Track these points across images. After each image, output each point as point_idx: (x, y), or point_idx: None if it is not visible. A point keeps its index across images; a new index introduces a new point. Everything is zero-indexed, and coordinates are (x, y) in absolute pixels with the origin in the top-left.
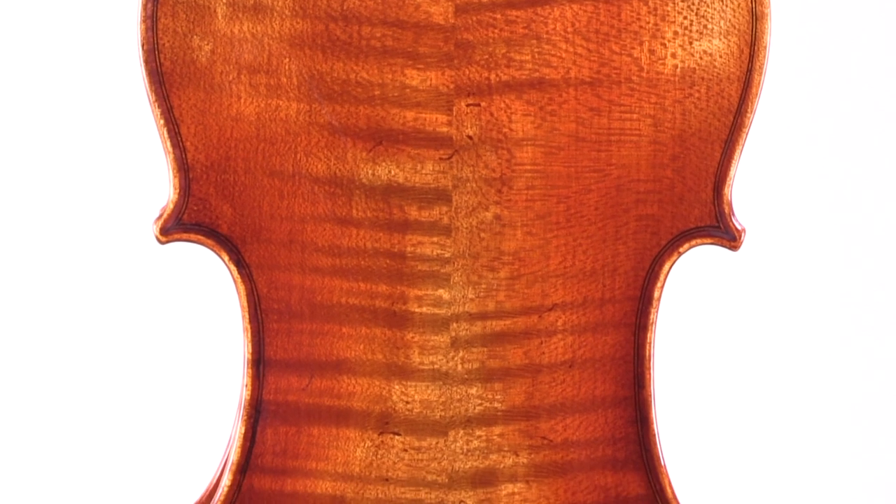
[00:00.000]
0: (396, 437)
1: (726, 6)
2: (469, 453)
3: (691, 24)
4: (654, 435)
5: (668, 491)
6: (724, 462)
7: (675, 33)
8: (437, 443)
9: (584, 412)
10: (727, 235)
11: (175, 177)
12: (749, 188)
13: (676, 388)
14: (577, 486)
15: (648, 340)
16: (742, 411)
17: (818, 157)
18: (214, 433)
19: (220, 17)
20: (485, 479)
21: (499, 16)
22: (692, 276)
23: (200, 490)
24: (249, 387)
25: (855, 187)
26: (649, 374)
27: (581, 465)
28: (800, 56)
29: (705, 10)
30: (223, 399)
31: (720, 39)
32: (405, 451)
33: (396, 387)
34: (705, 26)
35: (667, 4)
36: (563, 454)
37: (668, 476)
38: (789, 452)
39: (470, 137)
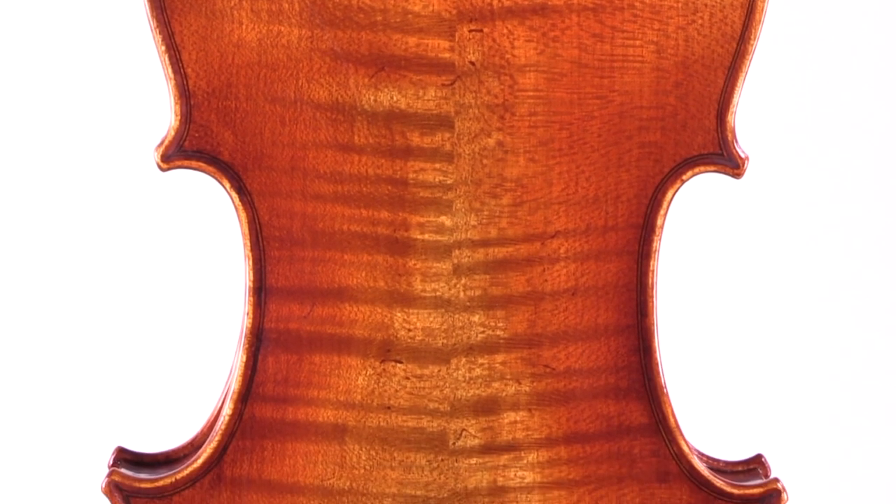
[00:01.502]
0: (398, 364)
1: None
2: (471, 381)
3: None
4: (657, 364)
5: (671, 420)
6: (727, 391)
7: None
8: (439, 371)
9: (587, 340)
10: (730, 163)
11: (176, 103)
12: (753, 116)
13: (679, 316)
14: (580, 414)
15: (651, 269)
16: (744, 340)
17: (823, 84)
18: (216, 362)
19: None
20: (487, 407)
21: None
22: (695, 204)
23: (202, 420)
24: (251, 315)
25: (861, 114)
26: (652, 302)
27: (583, 393)
28: None
29: None
30: (225, 328)
31: None
32: (407, 379)
33: (398, 314)
34: None
35: None
36: (566, 382)
37: (670, 405)
38: (791, 380)
39: (472, 63)
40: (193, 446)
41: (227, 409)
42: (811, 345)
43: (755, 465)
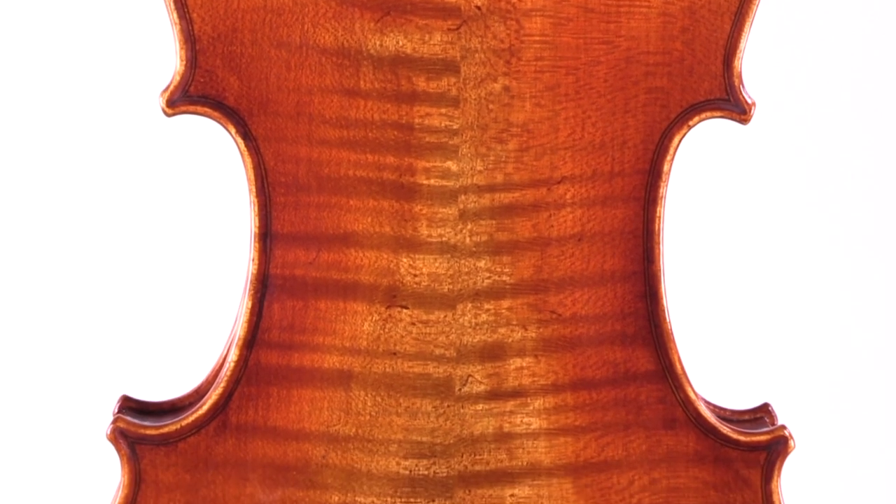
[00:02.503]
0: (404, 310)
1: None
2: (477, 327)
3: None
4: (664, 310)
5: (678, 367)
6: (734, 339)
7: None
8: (444, 316)
9: (593, 287)
10: (737, 108)
11: (181, 48)
12: (760, 61)
13: (686, 263)
14: (586, 361)
15: (658, 215)
16: (752, 286)
17: (831, 30)
18: (222, 310)
19: None
20: (493, 353)
21: None
22: (702, 150)
23: (208, 368)
24: (256, 261)
25: (868, 58)
26: (658, 248)
27: (590, 340)
28: None
29: None
30: (230, 274)
31: None
32: (413, 324)
33: (404, 260)
34: None
35: None
36: (572, 329)
37: (677, 352)
38: (799, 328)
39: (478, 8)
40: (199, 394)
41: (233, 356)
42: (819, 291)
43: (762, 414)
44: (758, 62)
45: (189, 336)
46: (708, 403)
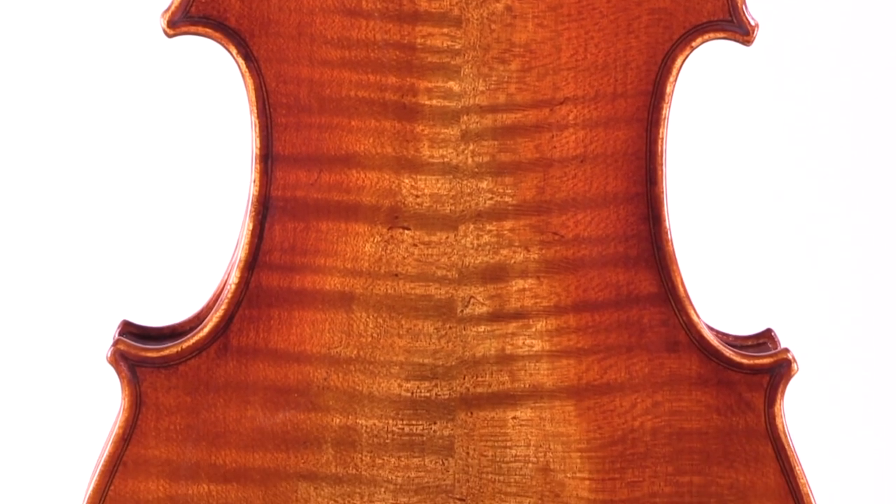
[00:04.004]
0: (406, 231)
1: None
2: (479, 248)
3: None
4: (667, 232)
5: (681, 289)
6: (737, 263)
7: None
8: (447, 237)
9: (596, 208)
10: (740, 30)
11: None
12: None
13: (689, 185)
14: (589, 282)
15: (661, 136)
16: (754, 208)
17: None
18: (223, 233)
19: None
20: (495, 274)
21: None
22: (705, 71)
23: (210, 293)
24: (257, 183)
25: None
26: (661, 170)
27: (592, 261)
28: None
29: None
30: (231, 196)
31: None
32: (415, 245)
33: (406, 180)
34: None
35: None
36: (575, 250)
37: (680, 274)
38: (803, 252)
39: None
40: (199, 319)
41: (234, 278)
42: (823, 215)
43: (765, 340)
44: None
45: (190, 260)
46: (710, 328)
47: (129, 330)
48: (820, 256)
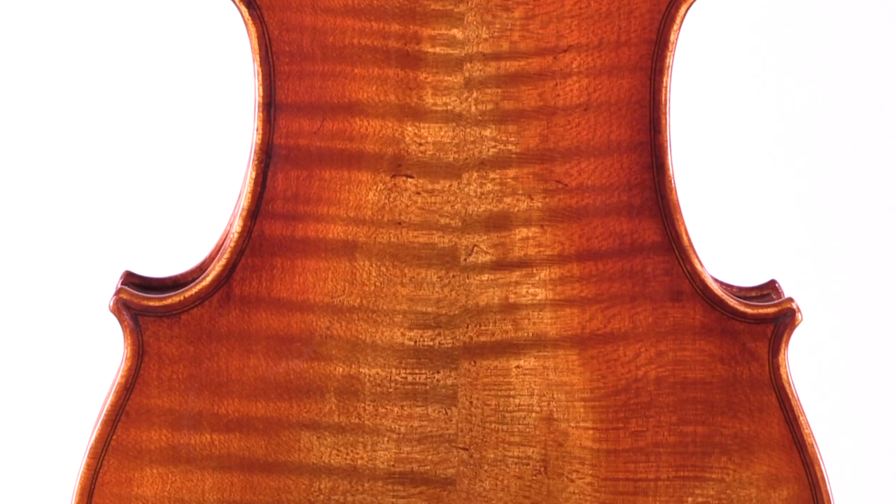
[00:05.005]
0: (409, 179)
1: None
2: (483, 196)
3: None
4: (670, 181)
5: (684, 238)
6: (741, 211)
7: None
8: (450, 185)
9: (600, 156)
10: None
11: None
12: None
13: (693, 134)
14: (592, 231)
15: (664, 85)
16: (758, 158)
17: None
18: (227, 180)
19: None
20: (498, 222)
21: None
22: (709, 20)
23: (214, 241)
24: (260, 131)
25: None
26: (665, 119)
27: (596, 210)
28: None
29: None
30: (235, 145)
31: None
32: (418, 193)
33: (409, 128)
34: None
35: None
36: (578, 199)
37: (683, 223)
38: (808, 202)
39: None
40: (202, 270)
41: (237, 227)
42: (827, 163)
43: (768, 291)
44: None
45: (193, 211)
46: (714, 279)
47: (132, 281)
48: (825, 207)
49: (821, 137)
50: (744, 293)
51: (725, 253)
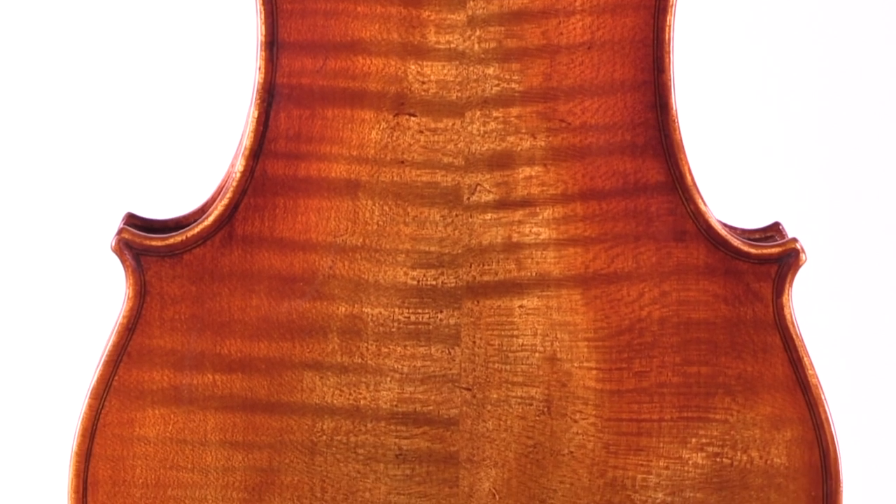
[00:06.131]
0: (412, 118)
1: None
2: (486, 135)
3: None
4: (674, 121)
5: (688, 178)
6: (744, 150)
7: None
8: (453, 124)
9: (603, 95)
10: None
11: None
12: None
13: (698, 74)
14: (596, 170)
15: (668, 24)
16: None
17: None
18: (230, 121)
19: None
20: (502, 161)
21: None
22: None
23: (217, 182)
24: (263, 70)
25: None
26: (669, 58)
27: (599, 149)
28: None
29: None
30: (237, 84)
31: None
32: (421, 132)
33: (412, 67)
34: None
35: None
36: (582, 138)
37: (687, 163)
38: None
39: None
40: (204, 212)
41: (239, 166)
42: (833, 105)
43: (772, 233)
44: None
45: (195, 153)
46: (718, 221)
47: (134, 223)
48: (830, 149)
49: (827, 77)
50: (748, 235)
51: (729, 195)
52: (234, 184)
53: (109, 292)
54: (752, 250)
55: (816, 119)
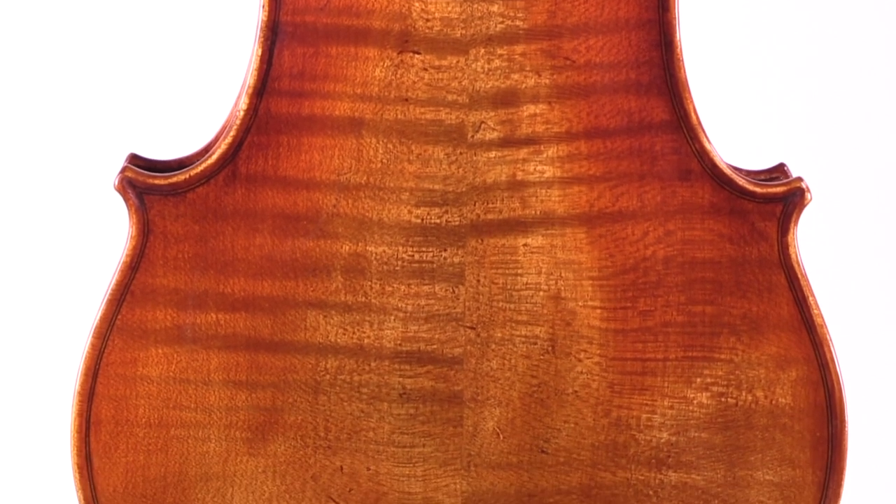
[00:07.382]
0: (416, 55)
1: None
2: (490, 73)
3: None
4: (679, 59)
5: (693, 117)
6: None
7: None
8: (457, 61)
9: (608, 33)
10: None
11: None
12: None
13: (703, 12)
14: (600, 109)
15: None
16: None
17: None
18: (234, 60)
19: None
20: (506, 99)
21: None
22: None
23: (217, 126)
24: (267, 8)
25: None
26: None
27: (604, 87)
28: None
29: None
30: (240, 23)
31: None
32: (425, 70)
33: (416, 4)
34: None
35: None
36: (586, 76)
37: (692, 102)
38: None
39: None
40: (208, 150)
41: (242, 105)
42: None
43: (777, 174)
44: None
45: (198, 91)
46: (722, 161)
47: (137, 163)
48: (836, 90)
49: (831, 17)
50: (753, 176)
51: (734, 136)
52: (238, 122)
53: (113, 233)
54: (757, 189)
55: (822, 59)
